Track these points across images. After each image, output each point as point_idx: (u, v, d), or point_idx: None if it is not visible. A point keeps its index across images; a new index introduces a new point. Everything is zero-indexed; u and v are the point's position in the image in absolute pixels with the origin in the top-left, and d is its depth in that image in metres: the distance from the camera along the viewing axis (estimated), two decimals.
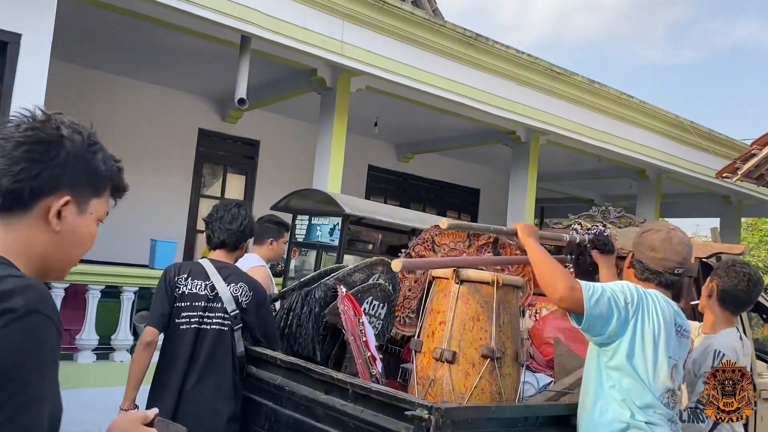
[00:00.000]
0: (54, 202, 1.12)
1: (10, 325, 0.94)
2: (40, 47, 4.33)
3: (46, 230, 1.13)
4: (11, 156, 1.09)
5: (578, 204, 14.17)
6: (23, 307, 0.96)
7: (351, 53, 5.88)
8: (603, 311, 2.14)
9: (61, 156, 1.12)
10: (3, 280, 0.99)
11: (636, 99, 8.25)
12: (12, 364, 0.93)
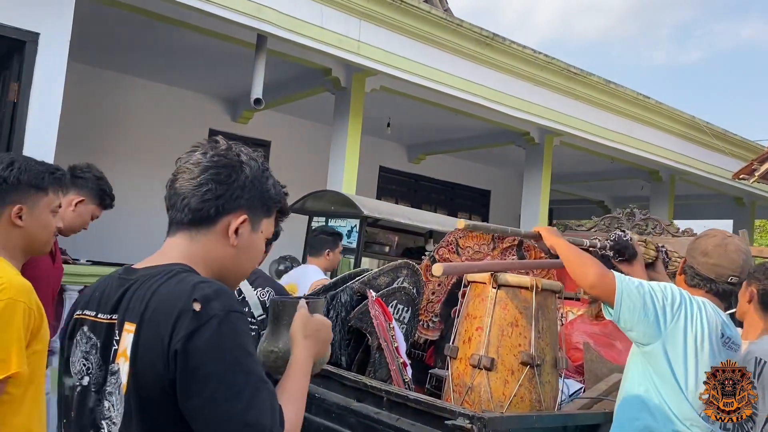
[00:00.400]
0: (233, 220, 1.30)
1: (221, 327, 1.10)
2: (58, 46, 4.27)
3: (225, 245, 1.30)
4: (200, 179, 1.27)
5: (588, 206, 14.10)
6: (221, 311, 1.12)
7: (367, 52, 5.82)
8: (636, 303, 2.07)
9: (241, 179, 1.29)
10: (198, 286, 1.15)
11: (652, 99, 8.17)
12: (236, 356, 1.10)
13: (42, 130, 4.25)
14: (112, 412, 1.17)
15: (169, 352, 1.10)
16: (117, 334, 1.19)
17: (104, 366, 1.20)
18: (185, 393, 1.09)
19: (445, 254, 4.06)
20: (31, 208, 1.91)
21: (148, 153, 7.90)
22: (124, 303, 1.20)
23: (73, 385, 1.27)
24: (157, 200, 3.09)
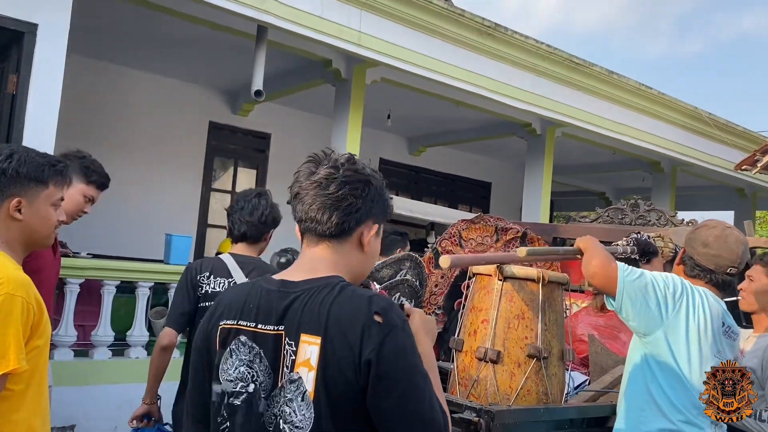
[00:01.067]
0: (365, 230, 1.42)
1: (400, 335, 1.27)
2: (57, 37, 4.22)
3: (359, 252, 1.43)
4: (339, 194, 1.37)
5: (589, 197, 14.07)
6: (399, 320, 1.29)
7: (368, 43, 5.77)
8: (638, 292, 2.06)
9: (371, 192, 1.42)
10: (372, 299, 1.30)
11: (654, 90, 8.13)
12: (416, 360, 1.27)
13: (41, 122, 4.21)
14: (295, 417, 1.30)
15: (361, 362, 1.25)
16: (290, 344, 1.32)
17: (273, 374, 1.34)
18: (379, 395, 1.25)
19: (448, 246, 4.03)
20: (30, 202, 1.86)
21: (148, 145, 7.86)
22: (290, 315, 1.33)
23: (227, 391, 1.38)
24: (156, 193, 3.03)
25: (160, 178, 7.96)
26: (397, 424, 1.25)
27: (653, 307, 2.07)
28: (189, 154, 8.33)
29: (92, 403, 4.82)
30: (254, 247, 3.03)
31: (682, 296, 2.10)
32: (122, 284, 5.25)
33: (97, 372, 4.97)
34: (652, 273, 2.16)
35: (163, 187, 7.96)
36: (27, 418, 1.78)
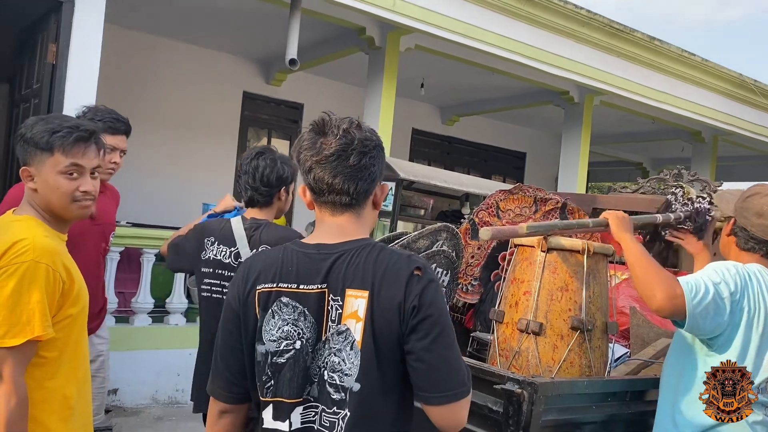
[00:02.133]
0: (379, 191, 1.52)
1: (437, 288, 1.41)
2: (94, 7, 4.24)
3: (373, 211, 1.52)
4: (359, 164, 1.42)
5: (625, 168, 13.79)
6: (433, 275, 1.41)
7: (403, 9, 5.66)
8: (709, 312, 1.91)
9: (382, 156, 1.49)
10: (411, 258, 1.41)
11: (697, 57, 7.85)
12: (447, 309, 1.42)
13: (81, 91, 4.25)
14: (344, 365, 1.39)
15: (405, 308, 1.37)
16: (335, 300, 1.41)
17: (317, 329, 1.42)
18: (419, 335, 1.37)
19: (485, 217, 3.98)
20: (38, 170, 1.79)
21: (183, 115, 7.91)
22: (334, 273, 1.42)
23: (270, 350, 1.44)
24: (192, 162, 3.02)
25: (196, 148, 8.02)
26: (430, 362, 1.37)
27: (725, 317, 1.94)
28: (223, 125, 8.36)
29: (133, 368, 4.95)
30: (266, 211, 2.67)
31: (743, 292, 1.95)
32: (160, 254, 5.33)
33: (138, 338, 5.09)
34: (710, 279, 1.96)
35: (199, 157, 8.03)
36: (61, 386, 1.77)
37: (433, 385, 1.37)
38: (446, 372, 1.37)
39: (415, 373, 1.38)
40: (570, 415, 2.09)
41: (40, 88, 4.45)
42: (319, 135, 1.44)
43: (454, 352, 1.39)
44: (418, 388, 1.40)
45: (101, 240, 2.74)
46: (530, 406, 1.95)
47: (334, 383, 1.40)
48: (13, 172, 4.98)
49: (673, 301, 1.90)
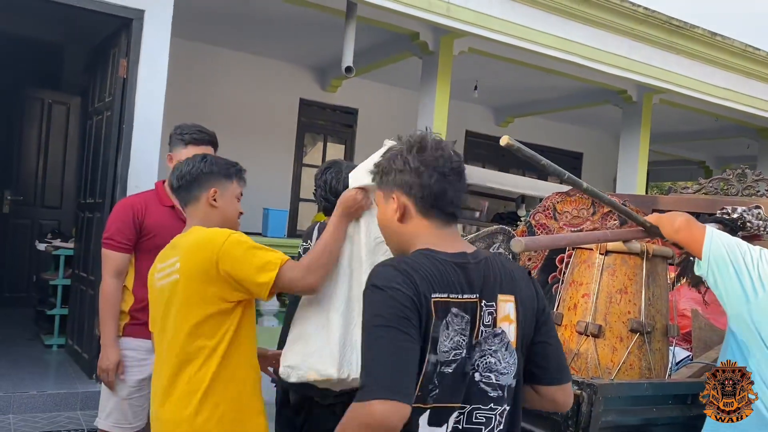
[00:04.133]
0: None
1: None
2: (161, 22, 4.45)
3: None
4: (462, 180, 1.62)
5: (687, 166, 13.37)
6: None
7: (457, 14, 5.71)
8: (727, 261, 1.95)
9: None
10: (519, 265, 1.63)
11: (763, 52, 7.58)
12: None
13: (150, 103, 4.47)
14: (500, 365, 1.52)
15: (538, 308, 1.60)
16: (488, 306, 1.52)
17: (471, 334, 1.50)
18: (548, 333, 1.63)
19: (542, 219, 3.98)
20: (222, 192, 2.19)
21: (243, 123, 8.15)
22: (487, 281, 1.53)
23: (441, 360, 1.45)
24: (251, 168, 3.16)
25: (255, 154, 8.24)
26: (556, 348, 1.64)
27: (743, 280, 1.94)
28: (281, 131, 8.58)
29: None
30: None
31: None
32: None
33: None
34: (749, 245, 2.02)
35: (258, 163, 8.23)
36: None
37: (559, 367, 1.63)
38: (563, 357, 1.67)
39: (545, 359, 1.61)
40: (629, 417, 2.10)
41: (112, 101, 4.70)
42: (421, 150, 1.56)
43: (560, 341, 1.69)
44: (545, 371, 1.61)
45: None
46: (589, 408, 1.98)
47: (491, 382, 1.51)
48: (88, 181, 5.26)
49: (690, 224, 2.08)
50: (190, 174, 2.17)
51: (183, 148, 2.80)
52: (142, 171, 4.45)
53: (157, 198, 2.85)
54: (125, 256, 2.74)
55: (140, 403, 2.78)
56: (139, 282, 2.77)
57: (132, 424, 2.76)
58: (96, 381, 4.60)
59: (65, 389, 4.54)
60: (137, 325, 2.77)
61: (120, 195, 4.40)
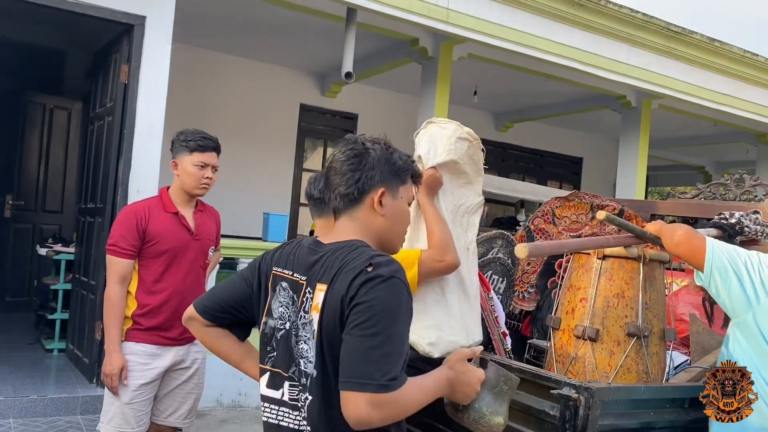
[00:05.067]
0: (374, 195, 1.60)
1: (382, 285, 1.42)
2: (162, 28, 4.48)
3: (375, 216, 1.61)
4: (341, 171, 1.60)
5: (687, 171, 13.40)
6: (388, 274, 1.44)
7: (456, 20, 5.74)
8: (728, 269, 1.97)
9: (369, 162, 1.60)
10: (374, 257, 1.47)
11: (761, 57, 7.61)
12: (390, 313, 1.41)
13: (151, 108, 4.49)
14: (309, 353, 1.52)
15: (345, 300, 1.44)
16: (309, 292, 1.55)
17: (296, 316, 1.57)
18: (349, 321, 1.43)
19: (541, 224, 4.00)
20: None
21: (244, 128, 8.18)
22: (315, 268, 1.55)
23: (275, 326, 1.62)
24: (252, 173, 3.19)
25: (256, 159, 8.27)
26: (347, 346, 1.41)
27: (746, 287, 1.97)
28: (282, 136, 8.61)
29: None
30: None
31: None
32: (224, 260, 5.56)
33: None
34: (748, 251, 2.05)
35: (259, 168, 8.28)
36: None
37: (343, 368, 1.40)
38: (357, 359, 1.39)
39: (341, 358, 1.42)
40: (627, 421, 2.11)
41: (113, 107, 4.73)
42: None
43: (376, 342, 1.38)
44: (341, 372, 1.42)
45: (200, 254, 2.94)
46: (587, 411, 1.98)
47: (301, 369, 1.54)
48: (89, 186, 5.29)
49: (692, 240, 2.07)
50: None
51: (188, 154, 2.84)
52: (143, 176, 4.48)
53: (161, 204, 2.87)
54: (129, 262, 2.77)
55: (143, 408, 2.80)
56: (142, 287, 2.80)
57: (134, 428, 2.77)
58: (97, 385, 4.61)
59: (66, 393, 4.56)
60: (139, 330, 2.79)
61: (121, 200, 4.42)
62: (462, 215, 2.44)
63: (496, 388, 1.58)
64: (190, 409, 2.97)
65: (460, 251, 2.37)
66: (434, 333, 2.24)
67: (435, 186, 2.33)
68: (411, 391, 1.43)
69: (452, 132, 2.37)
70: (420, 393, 1.48)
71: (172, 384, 2.90)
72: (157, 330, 2.81)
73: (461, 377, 1.54)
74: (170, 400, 2.91)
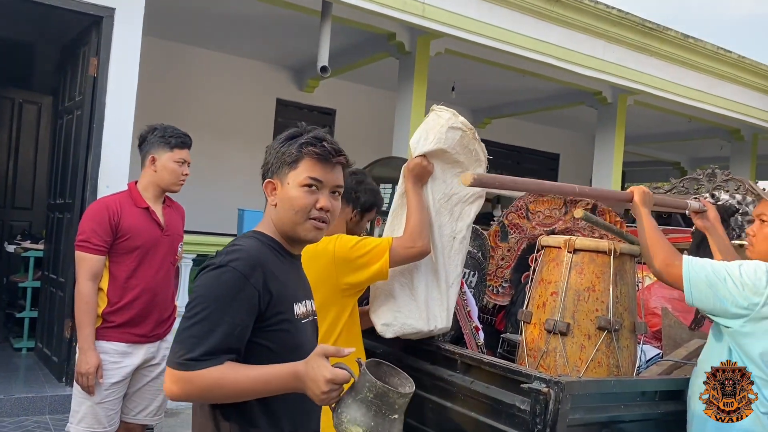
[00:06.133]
0: (267, 186, 1.64)
1: (209, 272, 1.48)
2: (132, 20, 4.39)
3: (272, 204, 1.63)
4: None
5: (662, 167, 13.55)
6: (219, 262, 1.48)
7: (433, 14, 5.72)
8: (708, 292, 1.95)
9: (267, 157, 1.66)
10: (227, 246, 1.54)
11: (734, 54, 7.71)
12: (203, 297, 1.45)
13: (121, 102, 4.41)
14: None
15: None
16: None
17: None
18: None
19: (515, 219, 3.99)
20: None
21: (218, 123, 8.09)
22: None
23: None
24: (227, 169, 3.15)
25: (231, 155, 8.19)
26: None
27: (729, 305, 1.95)
28: (257, 132, 8.52)
29: None
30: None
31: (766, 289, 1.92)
32: (198, 257, 5.48)
33: None
34: (727, 264, 1.99)
35: (234, 164, 8.20)
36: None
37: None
38: (175, 337, 1.47)
39: None
40: (597, 415, 2.10)
41: (82, 100, 4.63)
42: None
43: (187, 324, 1.43)
44: None
45: (171, 249, 2.89)
46: (557, 405, 1.97)
47: None
48: (58, 181, 5.18)
49: (669, 269, 2.05)
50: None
51: (169, 151, 2.82)
52: (113, 171, 4.39)
53: (131, 199, 2.81)
54: (101, 258, 2.70)
55: (114, 407, 2.75)
56: (113, 284, 2.74)
57: (106, 428, 2.72)
58: (66, 385, 4.52)
59: (34, 393, 4.46)
60: (110, 328, 2.73)
61: (90, 195, 4.33)
62: (455, 204, 2.45)
63: (360, 395, 1.41)
64: (160, 405, 2.92)
65: (445, 239, 2.41)
66: (391, 314, 2.32)
67: (422, 174, 2.35)
68: (224, 376, 1.42)
69: (446, 121, 2.37)
70: (246, 380, 1.44)
71: (141, 381, 2.85)
72: (127, 326, 2.75)
73: (310, 372, 1.43)
74: (140, 398, 2.86)
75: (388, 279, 2.30)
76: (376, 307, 2.38)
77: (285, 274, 1.59)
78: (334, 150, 1.63)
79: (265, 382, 1.45)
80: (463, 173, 2.27)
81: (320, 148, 1.61)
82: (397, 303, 2.33)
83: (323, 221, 1.61)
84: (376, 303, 2.39)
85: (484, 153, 2.55)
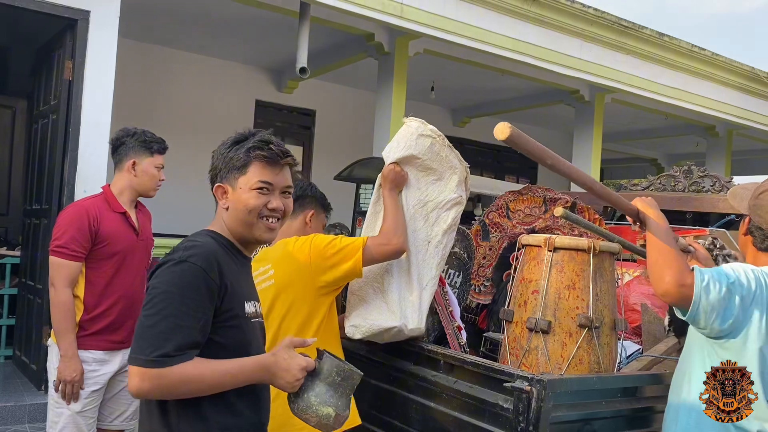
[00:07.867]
0: (217, 190, 1.67)
1: (167, 267, 1.49)
2: (108, 22, 4.34)
3: (223, 207, 1.65)
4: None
5: (640, 164, 13.72)
6: (177, 257, 1.49)
7: (410, 15, 5.73)
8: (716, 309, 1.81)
9: (214, 162, 1.71)
10: (184, 242, 1.55)
11: (708, 51, 7.82)
12: (162, 291, 1.47)
13: (97, 105, 4.35)
14: None
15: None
16: None
17: None
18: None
19: (496, 218, 4.02)
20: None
21: (197, 125, 8.02)
22: None
23: None
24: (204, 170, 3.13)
25: (209, 157, 8.11)
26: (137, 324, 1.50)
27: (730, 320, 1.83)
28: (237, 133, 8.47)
29: None
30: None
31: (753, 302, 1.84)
32: None
33: None
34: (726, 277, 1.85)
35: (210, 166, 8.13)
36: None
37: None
38: (137, 336, 1.47)
39: None
40: (580, 412, 2.12)
41: (57, 104, 4.56)
42: None
43: (152, 321, 1.44)
44: None
45: (146, 254, 2.87)
46: (539, 403, 1.99)
47: None
48: (34, 186, 5.10)
49: (681, 289, 1.82)
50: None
51: (149, 156, 2.82)
52: (90, 176, 4.34)
53: (107, 204, 2.77)
54: (79, 264, 2.66)
55: (93, 414, 2.72)
56: (91, 291, 2.70)
57: None
58: (45, 393, 4.46)
59: (12, 401, 4.39)
60: (87, 335, 2.70)
61: (67, 200, 4.27)
62: (431, 210, 2.49)
63: (329, 379, 1.56)
64: (135, 410, 2.89)
65: (419, 243, 2.45)
66: (361, 317, 2.37)
67: (397, 180, 2.41)
68: (194, 371, 1.45)
69: (415, 129, 2.45)
70: (214, 374, 1.48)
71: (117, 387, 2.82)
72: (105, 333, 2.72)
73: (281, 363, 1.52)
74: (116, 404, 2.84)
75: (363, 285, 2.36)
76: (349, 312, 2.45)
77: (237, 273, 1.62)
78: (281, 152, 1.65)
79: (233, 375, 1.50)
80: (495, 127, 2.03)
81: (268, 151, 1.63)
82: (368, 307, 2.39)
83: (276, 220, 1.66)
84: (349, 309, 2.45)
85: (459, 159, 2.58)
